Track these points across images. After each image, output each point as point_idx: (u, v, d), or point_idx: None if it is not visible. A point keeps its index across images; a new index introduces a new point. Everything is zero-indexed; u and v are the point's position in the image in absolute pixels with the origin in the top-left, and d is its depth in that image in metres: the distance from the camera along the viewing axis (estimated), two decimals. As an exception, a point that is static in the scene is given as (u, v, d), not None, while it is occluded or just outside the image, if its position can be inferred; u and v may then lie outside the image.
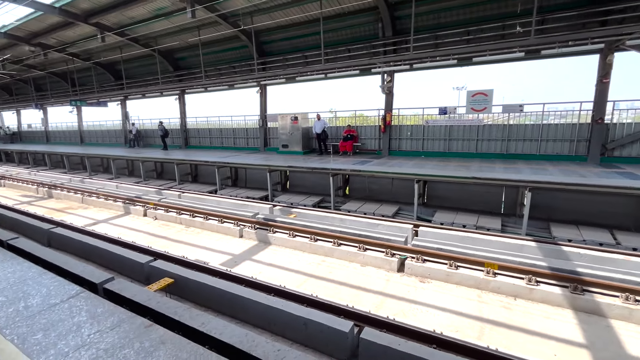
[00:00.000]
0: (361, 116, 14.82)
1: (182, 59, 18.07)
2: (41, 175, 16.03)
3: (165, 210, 9.11)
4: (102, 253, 5.80)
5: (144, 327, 2.66)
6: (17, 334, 2.58)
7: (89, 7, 13.79)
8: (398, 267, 5.74)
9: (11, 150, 23.66)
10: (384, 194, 10.98)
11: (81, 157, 18.73)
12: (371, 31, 12.54)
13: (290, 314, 3.70)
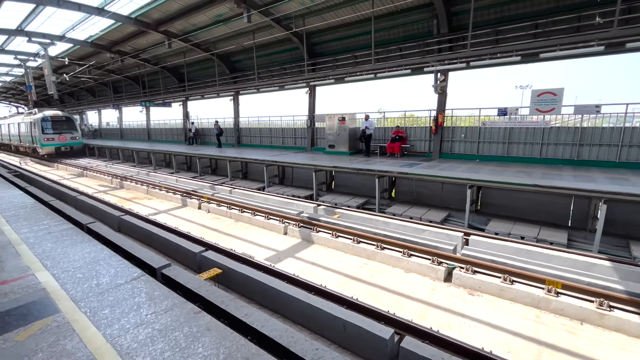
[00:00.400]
0: (411, 117, 14.32)
1: (238, 61, 19.07)
2: (115, 168, 18.06)
3: (217, 204, 9.69)
4: (162, 241, 6.34)
5: (193, 313, 2.84)
6: (89, 308, 2.93)
7: (159, 17, 15.19)
8: (445, 277, 5.43)
9: (93, 145, 26.95)
10: (433, 199, 10.47)
11: (148, 152, 20.70)
12: (425, 29, 12.04)
13: (330, 314, 3.70)
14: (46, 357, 2.30)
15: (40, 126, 22.14)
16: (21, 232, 5.05)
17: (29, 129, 23.70)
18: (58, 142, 22.75)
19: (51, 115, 23.04)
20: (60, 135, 22.92)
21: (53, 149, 22.74)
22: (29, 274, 3.60)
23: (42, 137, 22.17)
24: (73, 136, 23.86)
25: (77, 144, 24.27)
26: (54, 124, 22.76)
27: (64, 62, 21.68)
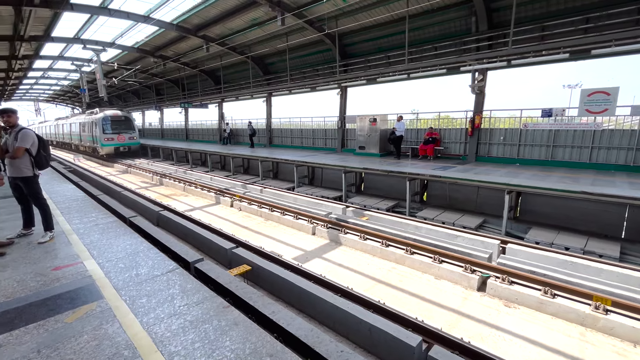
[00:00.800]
0: (446, 118, 13.83)
1: (271, 64, 19.50)
2: (155, 166, 19.17)
3: (248, 202, 9.97)
4: (196, 236, 6.63)
5: (222, 307, 2.94)
6: (129, 296, 3.13)
7: (198, 22, 15.94)
8: (478, 286, 5.18)
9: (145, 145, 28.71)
10: (467, 204, 10.02)
11: (185, 151, 21.77)
12: (462, 26, 11.58)
13: (356, 317, 3.66)
14: (90, 339, 2.49)
15: (101, 126, 21.74)
16: (73, 222, 5.52)
17: (90, 128, 23.41)
18: (117, 142, 22.39)
19: (111, 115, 22.56)
20: (120, 135, 22.51)
21: (112, 149, 22.44)
22: (78, 261, 3.92)
23: (102, 137, 21.77)
24: (131, 136, 23.34)
25: (135, 144, 23.74)
26: (113, 124, 22.36)
27: (114, 66, 23.43)
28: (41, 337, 2.53)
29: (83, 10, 13.77)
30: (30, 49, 19.15)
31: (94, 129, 22.56)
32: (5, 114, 4.45)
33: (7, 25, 14.53)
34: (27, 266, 3.80)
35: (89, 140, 24.22)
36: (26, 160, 4.49)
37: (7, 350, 2.39)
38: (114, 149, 22.51)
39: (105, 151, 22.43)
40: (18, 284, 3.37)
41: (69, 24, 17.22)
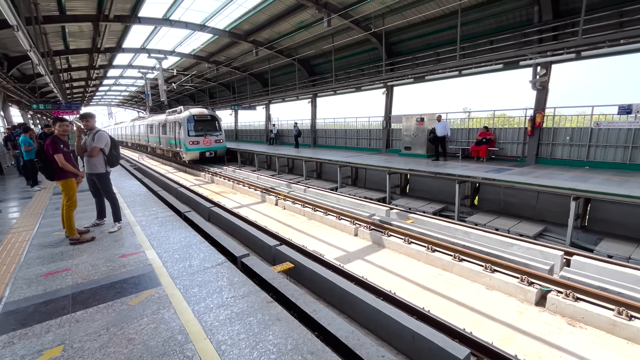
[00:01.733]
0: (503, 116, 12.85)
1: (317, 65, 19.74)
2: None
3: (292, 202, 10.19)
4: (242, 232, 6.94)
5: (266, 302, 3.04)
6: (183, 285, 3.37)
7: (248, 28, 16.69)
8: (536, 300, 4.73)
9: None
10: (525, 210, 9.20)
11: (235, 151, 22.93)
12: (523, 17, 10.68)
13: (398, 322, 3.55)
14: (149, 322, 2.73)
15: (186, 127, 18.17)
16: (136, 215, 6.10)
17: (172, 129, 19.85)
18: (203, 145, 18.71)
19: (197, 113, 18.85)
20: (205, 138, 18.77)
21: (197, 155, 18.74)
22: (141, 250, 4.32)
23: (187, 140, 18.15)
24: (218, 139, 19.43)
25: (222, 148, 19.81)
26: (198, 124, 18.77)
27: (173, 72, 25.50)
28: (110, 316, 2.83)
29: (149, 23, 15.17)
30: (105, 59, 21.61)
31: (177, 131, 19.10)
32: (85, 118, 5.06)
33: (87, 39, 16.53)
34: (99, 252, 4.29)
35: (170, 143, 20.84)
36: (100, 158, 5.07)
37: (82, 325, 2.72)
38: (199, 155, 18.86)
39: (190, 157, 18.87)
40: (92, 268, 3.81)
41: (137, 35, 19.09)
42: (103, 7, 12.47)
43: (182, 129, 18.32)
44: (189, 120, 18.45)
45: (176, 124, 19.19)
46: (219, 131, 19.66)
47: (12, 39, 12.53)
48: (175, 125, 19.29)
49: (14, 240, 4.87)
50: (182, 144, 18.56)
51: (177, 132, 19.05)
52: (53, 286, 3.39)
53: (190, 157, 18.94)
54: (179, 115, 19.00)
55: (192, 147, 18.48)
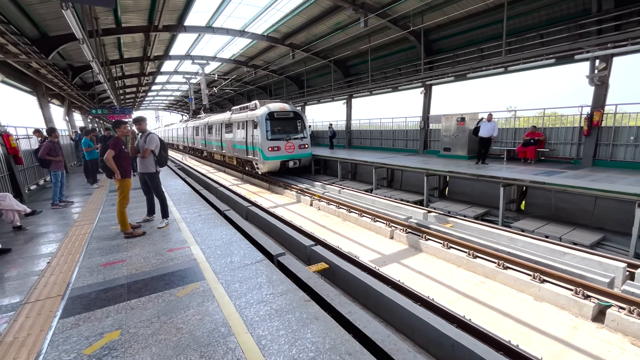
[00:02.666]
0: (554, 115, 11.93)
1: (353, 66, 19.67)
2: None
3: (327, 202, 10.24)
4: (278, 231, 7.10)
5: (304, 300, 3.09)
6: (225, 280, 3.53)
7: (286, 31, 17.05)
8: (593, 315, 4.33)
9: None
10: (579, 216, 8.45)
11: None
12: (579, 7, 9.84)
13: (437, 329, 3.43)
14: (195, 313, 2.90)
15: (264, 127, 13.71)
16: (181, 212, 6.48)
17: (243, 130, 15.39)
18: (285, 152, 14.12)
19: (276, 109, 14.29)
20: (288, 142, 14.19)
21: (278, 165, 14.11)
22: (186, 246, 4.59)
23: (265, 145, 13.65)
24: (303, 143, 14.76)
25: (306, 155, 15.06)
26: (277, 123, 14.19)
27: (214, 77, 26.74)
28: (160, 305, 3.04)
29: (193, 31, 16.06)
30: (154, 66, 23.21)
31: (250, 132, 14.62)
32: (138, 122, 5.49)
33: (138, 48, 17.87)
34: (150, 246, 4.62)
35: (238, 149, 16.26)
36: (151, 159, 5.46)
37: (137, 312, 2.94)
38: (280, 165, 14.17)
39: (268, 167, 13.99)
40: (144, 260, 4.12)
41: (182, 43, 20.34)
42: (153, 18, 13.42)
43: (259, 131, 13.75)
44: (267, 118, 13.79)
45: (249, 123, 14.71)
46: (304, 134, 14.93)
47: (76, 50, 13.91)
48: (248, 126, 14.83)
49: (78, 233, 5.39)
50: (259, 150, 13.77)
51: (251, 134, 14.55)
52: (111, 275, 3.71)
53: (269, 167, 13.95)
54: (253, 113, 14.36)
55: (271, 155, 13.71)
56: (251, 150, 14.78)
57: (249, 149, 14.95)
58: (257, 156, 14.25)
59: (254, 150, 14.47)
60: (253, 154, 14.61)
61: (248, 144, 14.98)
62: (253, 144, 14.45)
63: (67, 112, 20.31)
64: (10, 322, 2.87)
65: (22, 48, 9.03)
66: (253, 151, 14.56)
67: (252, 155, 14.75)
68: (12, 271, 3.96)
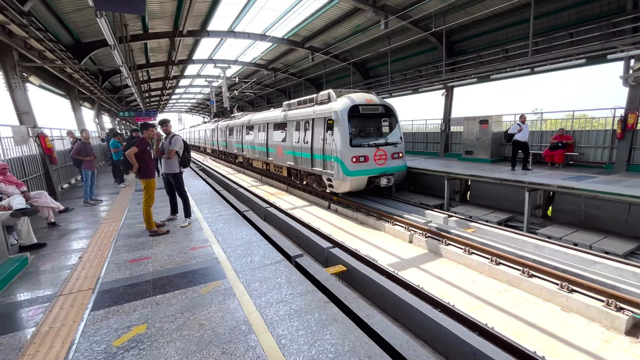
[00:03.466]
0: (583, 117, 11.42)
1: (372, 68, 19.59)
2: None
3: (344, 205, 10.21)
4: (296, 233, 7.15)
5: (322, 302, 3.10)
6: (245, 279, 3.59)
7: (306, 34, 17.21)
8: (627, 329, 4.10)
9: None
10: (612, 224, 8.01)
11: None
12: (612, 5, 9.39)
13: (458, 337, 3.35)
14: (217, 310, 2.97)
15: (346, 128, 9.43)
16: (203, 212, 6.65)
17: (312, 132, 10.84)
18: (375, 164, 9.79)
19: (362, 102, 9.87)
20: (378, 150, 9.85)
21: (364, 182, 9.79)
22: (208, 245, 4.71)
23: (347, 155, 9.38)
24: (397, 151, 10.37)
25: (401, 169, 10.61)
26: (362, 122, 10.09)
27: (235, 80, 27.30)
28: (183, 302, 3.14)
29: (216, 35, 16.50)
30: (178, 70, 23.98)
31: (322, 135, 10.25)
32: (164, 124, 5.70)
33: (163, 53, 18.54)
34: (173, 245, 4.77)
35: (299, 158, 11.75)
36: (176, 160, 5.65)
37: (162, 307, 3.05)
38: (367, 181, 9.85)
39: (351, 186, 9.77)
40: (168, 258, 4.26)
41: (205, 47, 20.91)
42: (178, 23, 13.89)
43: (338, 133, 9.36)
44: (350, 114, 9.45)
45: (318, 122, 10.32)
46: (398, 137, 10.44)
47: (106, 56, 14.59)
48: (316, 125, 10.46)
49: (106, 230, 5.64)
50: (337, 161, 9.44)
51: (321, 137, 10.16)
52: (137, 271, 3.86)
53: (352, 186, 9.66)
54: (327, 107, 10.00)
55: (356, 169, 9.41)
56: (320, 161, 10.22)
57: (318, 158, 10.36)
58: (332, 169, 9.66)
59: (326, 160, 9.96)
60: (324, 165, 10.07)
61: (315, 151, 10.47)
62: (324, 152, 9.96)
63: (96, 114, 21.31)
64: (46, 312, 3.04)
65: (58, 54, 9.58)
66: (324, 162, 10.05)
67: (323, 167, 10.13)
68: (47, 265, 4.19)
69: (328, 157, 9.94)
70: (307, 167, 11.38)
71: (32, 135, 8.08)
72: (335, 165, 9.61)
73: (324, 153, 10.15)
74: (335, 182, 9.84)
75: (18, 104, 8.09)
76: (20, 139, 7.45)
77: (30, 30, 7.32)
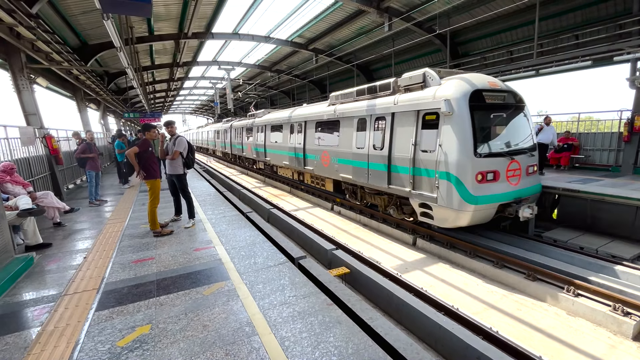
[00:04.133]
0: (588, 119, 11.33)
1: (376, 70, 19.60)
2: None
3: (347, 207, 10.20)
4: (300, 234, 7.15)
5: (326, 304, 3.09)
6: (248, 281, 3.59)
7: (310, 36, 17.26)
8: (634, 334, 4.05)
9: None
10: (619, 228, 7.91)
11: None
12: (618, 7, 9.34)
13: (462, 340, 3.33)
14: (221, 311, 2.97)
15: (467, 127, 5.78)
16: (207, 213, 6.67)
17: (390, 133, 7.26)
18: (508, 185, 6.04)
19: (487, 86, 6.20)
20: (512, 163, 6.05)
21: (492, 211, 5.96)
22: (211, 246, 4.72)
23: (471, 168, 5.70)
24: (532, 164, 6.52)
25: (537, 189, 6.68)
26: (489, 119, 6.36)
27: (239, 82, 27.45)
28: (187, 303, 3.14)
29: (220, 38, 16.60)
30: (182, 72, 24.14)
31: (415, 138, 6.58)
32: (169, 125, 5.73)
33: (168, 55, 18.68)
34: (177, 245, 4.79)
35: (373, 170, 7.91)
36: (179, 161, 5.67)
37: (165, 308, 3.06)
38: (497, 210, 5.99)
39: (473, 218, 5.86)
40: (172, 259, 4.28)
41: (209, 49, 21.06)
42: (183, 26, 14.00)
43: (452, 133, 5.91)
44: (473, 105, 5.93)
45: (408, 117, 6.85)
46: (530, 137, 6.83)
47: (112, 57, 14.73)
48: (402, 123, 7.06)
49: (111, 230, 5.68)
50: (450, 179, 5.90)
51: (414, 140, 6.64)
52: (141, 272, 3.88)
53: (475, 219, 5.97)
54: (428, 93, 6.46)
55: (483, 192, 5.85)
56: (408, 176, 6.75)
57: (402, 172, 6.92)
58: (433, 190, 6.25)
59: (418, 176, 6.55)
60: (415, 183, 6.63)
61: (398, 160, 7.03)
62: (414, 163, 6.57)
63: (102, 115, 21.50)
64: (51, 312, 3.06)
65: (65, 56, 9.68)
66: (415, 178, 6.62)
67: (412, 186, 6.66)
68: (53, 265, 4.23)
69: (424, 171, 6.34)
70: (378, 183, 7.69)
71: (38, 136, 8.17)
72: (443, 186, 5.95)
73: (414, 165, 6.51)
74: (442, 211, 6.06)
75: (25, 105, 8.19)
76: (27, 139, 7.54)
77: (38, 32, 7.41)
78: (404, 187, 6.96)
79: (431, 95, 6.32)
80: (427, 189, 6.45)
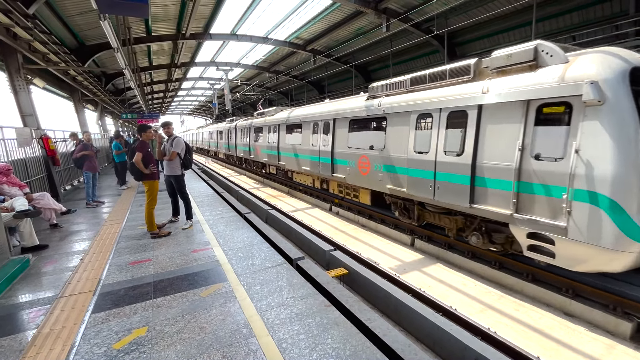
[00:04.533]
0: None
1: (374, 71, 19.65)
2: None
3: (346, 208, 10.20)
4: (298, 235, 7.13)
5: (324, 305, 3.09)
6: (246, 282, 3.58)
7: (308, 37, 17.28)
8: (631, 334, 4.05)
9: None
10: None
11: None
12: (615, 8, 9.40)
13: (460, 341, 3.32)
14: (218, 314, 2.96)
15: (631, 119, 3.70)
16: (205, 214, 6.65)
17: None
18: None
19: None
20: None
21: None
22: (209, 247, 4.71)
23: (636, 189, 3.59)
24: None
25: None
26: None
27: (237, 83, 27.44)
28: (184, 304, 3.13)
29: (218, 38, 16.59)
30: (180, 73, 24.11)
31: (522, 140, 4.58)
32: (166, 126, 5.71)
33: (166, 56, 18.65)
34: (175, 247, 4.77)
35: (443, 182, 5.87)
36: (177, 162, 5.65)
37: (162, 310, 3.05)
38: None
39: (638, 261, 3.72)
40: (169, 260, 4.26)
41: (207, 50, 21.02)
42: (181, 26, 13.98)
43: (605, 132, 3.83)
44: (636, 90, 3.93)
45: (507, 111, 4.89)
46: None
47: (110, 58, 14.68)
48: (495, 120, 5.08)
49: (108, 231, 5.65)
50: (603, 203, 3.81)
51: (521, 144, 4.59)
52: (138, 273, 3.86)
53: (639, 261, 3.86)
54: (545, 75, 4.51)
55: None
56: (510, 194, 4.78)
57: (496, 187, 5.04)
58: (571, 220, 4.11)
59: (537, 195, 4.54)
60: (529, 206, 4.62)
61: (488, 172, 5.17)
62: (520, 176, 4.68)
63: (99, 116, 21.42)
64: (47, 314, 3.04)
65: (62, 57, 9.65)
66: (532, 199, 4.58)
67: (516, 208, 4.72)
68: (49, 266, 4.20)
69: (539, 187, 4.49)
70: (452, 200, 5.77)
71: (35, 137, 8.12)
72: (583, 211, 4.04)
73: (520, 178, 4.68)
74: (576, 248, 4.15)
75: (22, 106, 8.15)
76: (24, 140, 7.50)
77: (35, 33, 7.38)
78: (500, 207, 4.93)
79: (556, 77, 4.37)
80: (545, 214, 4.41)
